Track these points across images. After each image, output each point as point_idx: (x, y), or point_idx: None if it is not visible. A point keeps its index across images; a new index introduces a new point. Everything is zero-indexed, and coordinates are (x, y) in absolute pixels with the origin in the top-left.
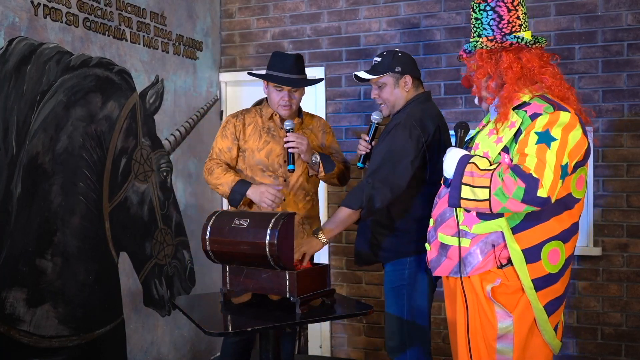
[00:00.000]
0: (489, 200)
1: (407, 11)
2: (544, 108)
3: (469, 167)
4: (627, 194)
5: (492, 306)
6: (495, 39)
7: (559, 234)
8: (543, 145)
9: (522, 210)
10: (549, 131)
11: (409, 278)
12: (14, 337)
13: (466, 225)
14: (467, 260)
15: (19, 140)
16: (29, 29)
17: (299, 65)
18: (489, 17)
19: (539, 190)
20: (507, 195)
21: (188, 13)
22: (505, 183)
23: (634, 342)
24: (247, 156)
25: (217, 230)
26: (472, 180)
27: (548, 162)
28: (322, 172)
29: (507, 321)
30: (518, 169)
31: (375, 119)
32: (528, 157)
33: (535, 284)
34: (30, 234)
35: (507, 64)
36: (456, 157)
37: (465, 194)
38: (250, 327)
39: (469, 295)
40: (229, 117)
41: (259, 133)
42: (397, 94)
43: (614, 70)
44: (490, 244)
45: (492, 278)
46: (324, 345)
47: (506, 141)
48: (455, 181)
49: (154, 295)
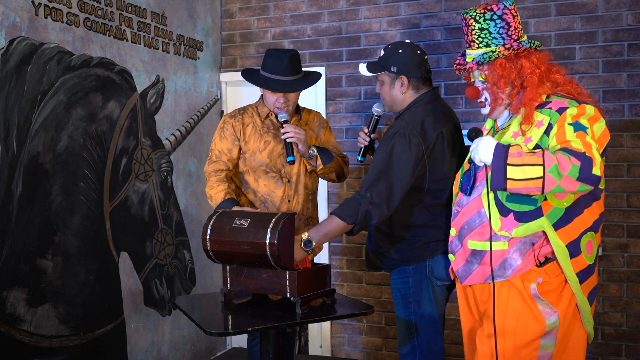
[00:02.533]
0: (542, 178)
1: (407, 11)
2: (568, 102)
3: (513, 148)
4: (627, 194)
5: (537, 305)
6: (512, 46)
7: (592, 225)
8: (581, 132)
9: (576, 189)
10: (579, 121)
11: (414, 286)
12: (14, 337)
13: (505, 230)
14: (506, 264)
15: (20, 140)
16: (29, 29)
17: (294, 65)
18: (497, 25)
19: (594, 168)
20: (562, 173)
21: (189, 13)
22: (559, 160)
23: (634, 342)
24: (248, 158)
25: (218, 230)
26: (521, 159)
27: (593, 144)
28: (320, 165)
29: (553, 317)
30: (569, 149)
31: (377, 112)
32: (573, 142)
33: (579, 276)
34: (31, 233)
35: (529, 69)
36: (492, 143)
37: (512, 174)
38: (251, 327)
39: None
40: (226, 118)
41: (259, 133)
42: (393, 94)
43: (615, 70)
44: (529, 242)
45: (534, 277)
46: (324, 345)
47: (536, 140)
48: (497, 164)
49: (154, 295)
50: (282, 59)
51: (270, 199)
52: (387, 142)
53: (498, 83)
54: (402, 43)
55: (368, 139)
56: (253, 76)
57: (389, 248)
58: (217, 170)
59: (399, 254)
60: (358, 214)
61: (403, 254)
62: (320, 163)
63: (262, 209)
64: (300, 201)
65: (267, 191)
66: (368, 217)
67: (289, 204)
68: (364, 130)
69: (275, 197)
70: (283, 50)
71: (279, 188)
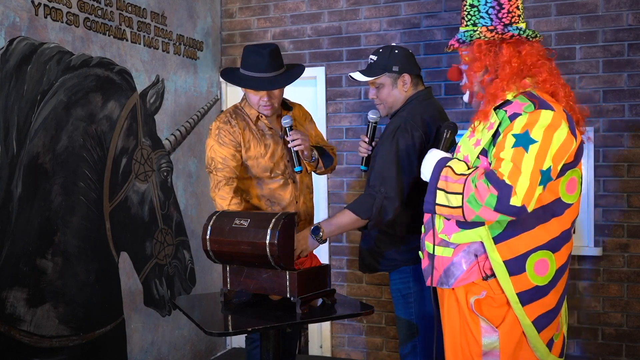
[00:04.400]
0: (461, 207)
1: (407, 11)
2: (524, 107)
3: (444, 171)
4: (627, 194)
5: (477, 320)
6: (496, 29)
7: (547, 243)
8: (520, 148)
9: (496, 219)
10: (529, 133)
11: (415, 286)
12: (14, 337)
13: (445, 234)
14: (450, 271)
15: (20, 140)
16: (29, 28)
17: (275, 60)
18: (487, 4)
19: (512, 199)
20: (480, 203)
21: (189, 13)
22: (478, 190)
23: (634, 343)
24: (251, 165)
25: (218, 230)
26: (446, 186)
27: (524, 167)
28: (322, 168)
29: (493, 336)
30: (492, 175)
31: (372, 118)
32: (503, 162)
33: (521, 297)
34: (31, 233)
35: (506, 57)
36: (434, 159)
37: (439, 199)
38: (251, 327)
39: (450, 309)
40: (218, 124)
41: (256, 138)
42: (395, 94)
43: (615, 70)
44: (472, 254)
45: (478, 290)
46: (324, 345)
47: (484, 144)
48: (431, 185)
49: (154, 295)
50: (262, 55)
51: (277, 202)
52: (390, 137)
53: (472, 65)
54: (392, 45)
55: (370, 147)
56: (233, 76)
57: (389, 248)
58: (228, 177)
59: (400, 254)
60: (373, 209)
61: (404, 254)
62: (322, 166)
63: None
64: (306, 201)
65: (273, 194)
66: (384, 212)
67: (297, 205)
68: (363, 139)
69: (282, 199)
70: (262, 45)
71: (285, 190)
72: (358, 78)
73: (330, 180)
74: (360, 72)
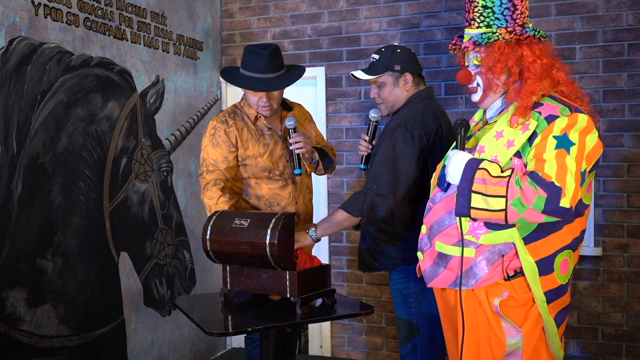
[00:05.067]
0: (504, 210)
1: (407, 11)
2: (560, 109)
3: (479, 173)
4: (627, 194)
5: (500, 321)
6: (515, 31)
7: (570, 243)
8: (562, 150)
9: (542, 221)
10: (567, 135)
11: (415, 286)
12: (14, 337)
13: (472, 235)
14: (471, 272)
15: (20, 140)
16: (29, 28)
17: (275, 61)
18: (503, 6)
19: (562, 200)
20: (526, 206)
21: (189, 13)
22: (524, 192)
23: (634, 343)
24: (249, 164)
25: (218, 230)
26: (485, 189)
27: (569, 168)
28: (322, 170)
29: (517, 337)
30: (537, 177)
31: (374, 117)
32: (547, 163)
33: (548, 296)
34: (31, 233)
35: (531, 57)
36: (462, 161)
37: (476, 202)
38: (251, 327)
39: (468, 311)
40: (215, 123)
41: (255, 137)
42: (396, 93)
43: (615, 70)
44: (498, 253)
45: (499, 291)
46: (324, 345)
47: (519, 145)
48: (463, 188)
49: (154, 295)
50: (262, 56)
51: (276, 202)
52: (389, 135)
53: (494, 68)
54: (394, 45)
55: (370, 146)
56: (233, 75)
57: (388, 247)
58: (216, 179)
59: (400, 253)
60: (364, 206)
61: (403, 252)
62: (322, 168)
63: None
64: (305, 201)
65: (272, 195)
66: (375, 209)
67: (296, 205)
68: (364, 138)
69: (281, 199)
70: (262, 46)
71: (284, 190)
72: (360, 76)
73: (330, 180)
74: (362, 71)
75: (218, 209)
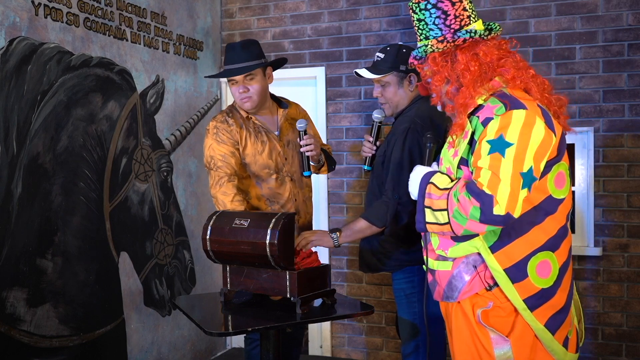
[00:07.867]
0: (449, 223)
1: (407, 11)
2: (495, 110)
3: (428, 187)
4: (627, 194)
5: (486, 332)
6: (446, 38)
7: (545, 244)
8: (496, 154)
9: (484, 230)
10: (503, 136)
11: (419, 285)
12: (14, 337)
13: (442, 249)
14: (452, 285)
15: (20, 140)
16: (29, 28)
17: (247, 51)
18: (432, 15)
19: (495, 208)
20: (465, 217)
21: (189, 13)
22: (461, 203)
23: (634, 343)
24: (249, 163)
25: (218, 230)
26: (432, 203)
27: (502, 174)
28: (325, 171)
29: (505, 347)
30: (472, 186)
31: (377, 118)
32: (482, 171)
33: (528, 303)
34: (31, 233)
35: (463, 64)
36: (419, 176)
37: (428, 217)
38: (251, 327)
39: (457, 324)
40: (215, 124)
41: (253, 136)
42: (401, 93)
43: (615, 70)
44: (471, 265)
45: (484, 302)
46: (324, 345)
47: (462, 153)
48: (419, 204)
49: (154, 295)
50: (235, 47)
51: (276, 200)
52: (401, 140)
53: (434, 79)
54: (398, 44)
55: (374, 147)
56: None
57: (395, 249)
58: (230, 175)
59: (405, 254)
60: (387, 216)
61: (411, 254)
62: (325, 169)
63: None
64: (305, 199)
65: (272, 193)
66: (399, 218)
67: (295, 203)
68: (367, 139)
69: (281, 197)
70: (240, 41)
71: (284, 188)
72: (364, 75)
73: (330, 180)
74: (367, 69)
75: (233, 207)
